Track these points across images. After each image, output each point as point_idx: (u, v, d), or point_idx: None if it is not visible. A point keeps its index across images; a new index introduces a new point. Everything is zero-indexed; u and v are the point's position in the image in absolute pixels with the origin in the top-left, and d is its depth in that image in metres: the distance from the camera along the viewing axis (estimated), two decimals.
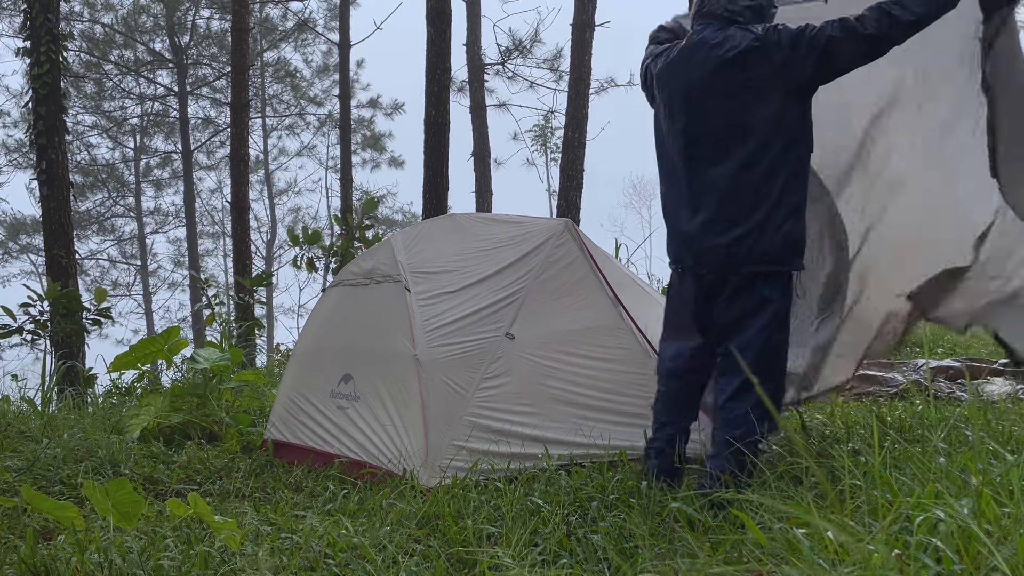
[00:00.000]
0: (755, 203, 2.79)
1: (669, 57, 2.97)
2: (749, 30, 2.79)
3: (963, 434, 3.07)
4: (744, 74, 2.77)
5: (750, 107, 2.78)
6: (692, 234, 2.92)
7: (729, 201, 2.82)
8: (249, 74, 13.52)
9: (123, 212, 23.59)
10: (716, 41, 2.82)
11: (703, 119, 2.87)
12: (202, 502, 2.49)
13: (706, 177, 2.87)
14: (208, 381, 5.29)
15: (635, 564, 2.25)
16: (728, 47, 2.78)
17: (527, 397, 3.64)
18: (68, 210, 9.08)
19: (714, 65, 2.80)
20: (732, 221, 2.81)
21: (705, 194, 2.88)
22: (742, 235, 2.79)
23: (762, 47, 2.73)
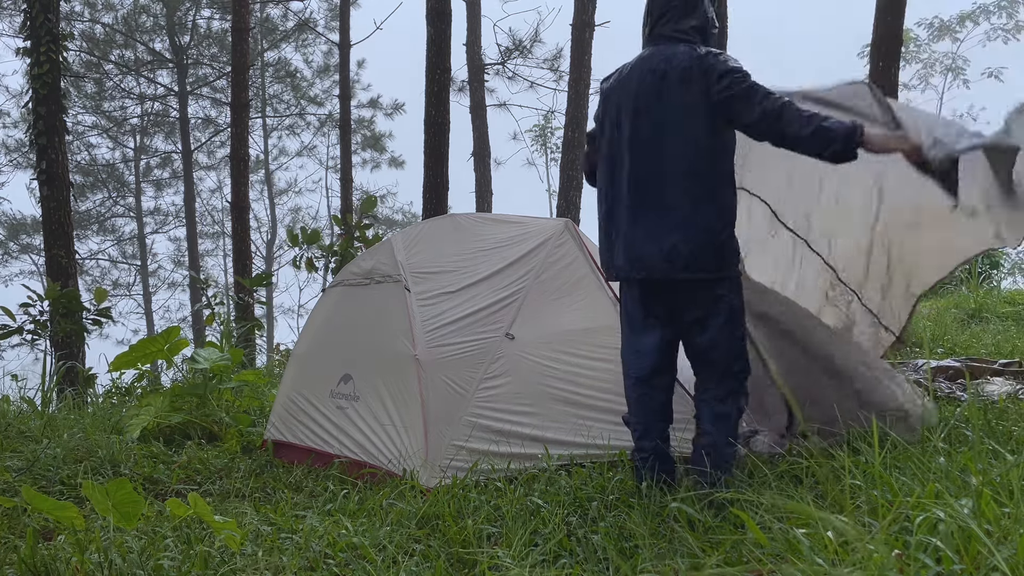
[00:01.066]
0: (692, 213, 2.91)
1: (621, 74, 3.12)
2: (694, 49, 2.95)
3: (963, 434, 3.07)
4: (685, 89, 2.91)
5: (690, 121, 2.92)
6: (632, 242, 3.00)
7: (667, 210, 2.93)
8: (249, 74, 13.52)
9: (123, 212, 23.59)
10: (663, 56, 2.98)
11: (647, 129, 2.98)
12: (202, 502, 2.49)
13: (647, 187, 2.98)
14: (208, 381, 5.29)
15: (635, 564, 2.25)
16: (674, 63, 2.94)
17: (527, 397, 3.64)
18: (68, 210, 9.08)
19: (659, 77, 2.95)
20: (670, 230, 2.92)
21: (645, 204, 2.98)
22: (677, 243, 2.90)
23: (701, 66, 2.90)
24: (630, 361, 3.14)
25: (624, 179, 3.03)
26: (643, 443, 3.06)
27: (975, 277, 10.45)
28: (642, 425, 3.08)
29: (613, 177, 3.09)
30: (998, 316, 8.36)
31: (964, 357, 5.67)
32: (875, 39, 7.78)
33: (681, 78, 2.92)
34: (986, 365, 5.26)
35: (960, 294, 10.15)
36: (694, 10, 3.05)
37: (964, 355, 5.96)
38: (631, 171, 3.01)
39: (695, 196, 2.92)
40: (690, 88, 2.91)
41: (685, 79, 2.91)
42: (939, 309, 8.84)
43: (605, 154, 3.14)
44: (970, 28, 24.49)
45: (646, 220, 2.97)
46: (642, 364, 3.09)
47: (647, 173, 2.98)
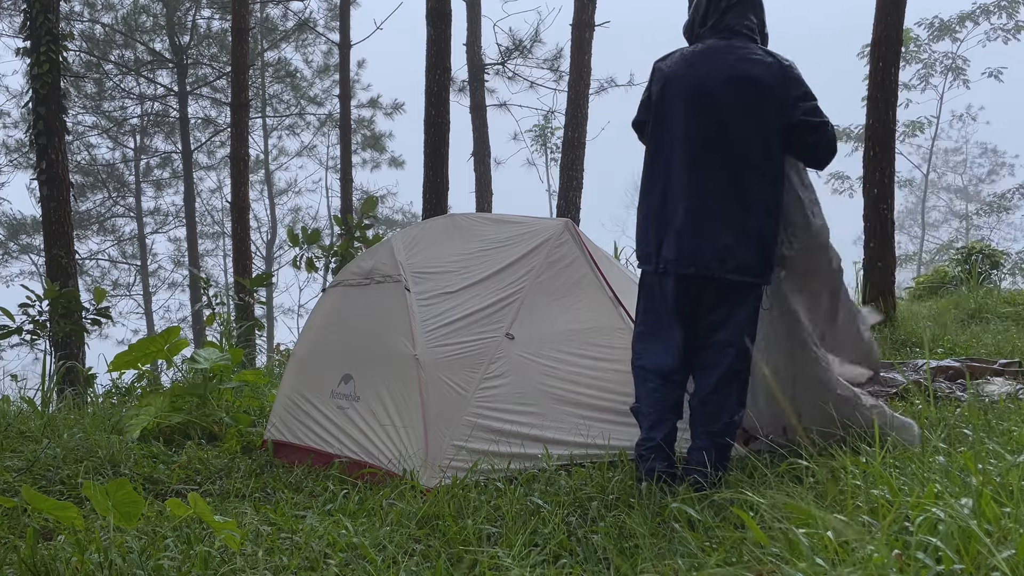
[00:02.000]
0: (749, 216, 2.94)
1: (686, 60, 3.04)
2: (771, 55, 2.98)
3: (963, 434, 3.07)
4: (762, 93, 2.92)
5: (760, 124, 2.94)
6: (685, 237, 2.98)
7: (725, 210, 2.94)
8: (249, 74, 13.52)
9: (123, 212, 23.59)
10: (739, 54, 2.95)
11: (714, 125, 2.96)
12: (202, 502, 2.49)
13: (706, 184, 2.96)
14: (208, 381, 5.29)
15: (635, 564, 2.25)
16: (753, 64, 2.93)
17: (527, 397, 3.64)
18: (68, 210, 9.08)
19: (735, 76, 2.93)
20: (725, 229, 2.93)
21: (702, 200, 2.96)
22: (731, 244, 2.93)
23: (783, 78, 2.93)
24: (651, 355, 3.12)
25: (683, 172, 2.99)
26: (652, 434, 3.05)
27: (975, 277, 10.45)
28: (654, 418, 3.07)
29: (671, 167, 3.04)
30: (998, 316, 8.36)
31: (964, 357, 5.67)
32: (875, 39, 7.78)
33: (759, 82, 2.91)
34: (986, 365, 5.26)
35: (960, 294, 10.15)
36: (760, 5, 3.06)
37: (964, 355, 5.96)
38: (691, 165, 2.98)
39: (754, 199, 2.94)
40: (767, 94, 2.92)
41: (763, 84, 2.92)
42: (939, 309, 8.84)
43: (661, 142, 3.09)
44: (970, 28, 24.51)
45: (702, 216, 2.95)
46: (665, 360, 3.08)
47: (708, 169, 2.96)
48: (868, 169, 7.78)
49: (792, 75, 2.95)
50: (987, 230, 31.16)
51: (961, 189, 34.83)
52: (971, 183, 34.62)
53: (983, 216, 31.63)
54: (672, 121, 3.04)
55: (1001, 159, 33.70)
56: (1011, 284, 12.36)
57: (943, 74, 26.05)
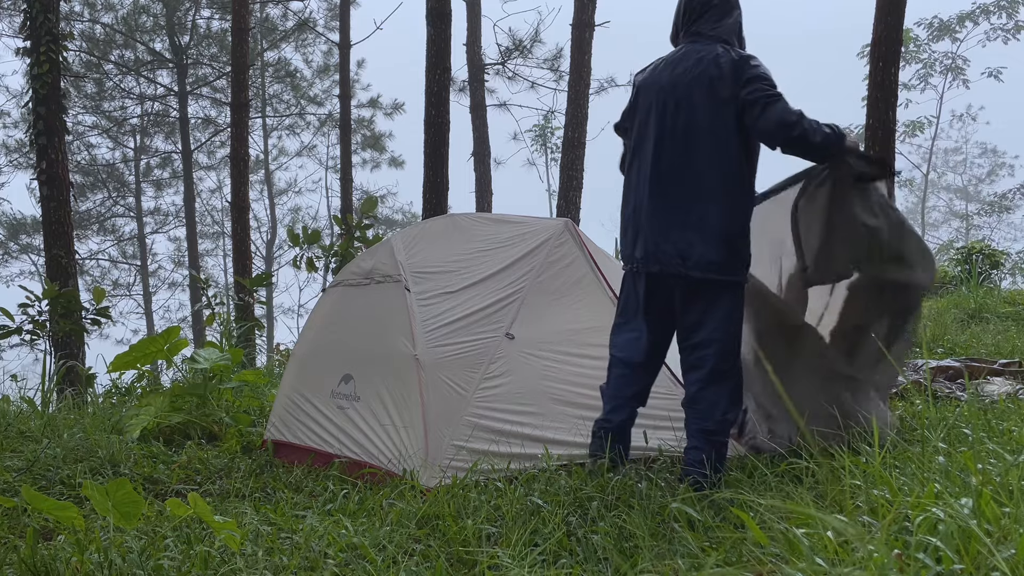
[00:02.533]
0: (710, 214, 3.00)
1: (656, 68, 3.19)
2: (731, 51, 3.04)
3: (963, 434, 3.07)
4: (718, 89, 3.00)
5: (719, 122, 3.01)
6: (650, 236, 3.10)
7: (687, 208, 3.03)
8: (249, 74, 13.52)
9: (123, 212, 23.60)
10: (700, 55, 3.06)
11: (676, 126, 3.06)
12: (202, 502, 2.49)
13: (669, 184, 3.07)
14: (208, 381, 5.29)
15: (635, 564, 2.25)
16: (710, 62, 3.02)
17: (527, 397, 3.64)
18: (68, 210, 9.08)
19: (694, 76, 3.04)
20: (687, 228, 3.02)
21: (665, 200, 3.08)
22: (693, 242, 3.01)
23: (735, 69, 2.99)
24: (621, 346, 3.24)
25: (648, 173, 3.09)
26: (612, 416, 3.21)
27: (975, 277, 10.46)
28: (615, 401, 3.22)
29: (639, 170, 3.15)
30: (998, 316, 8.36)
31: (964, 357, 5.67)
32: (875, 39, 7.78)
33: (715, 78, 2.99)
34: (986, 365, 5.26)
35: (960, 294, 10.15)
36: (731, 12, 3.14)
37: (964, 355, 5.96)
38: (656, 166, 3.09)
39: (715, 197, 3.01)
40: (722, 89, 2.99)
41: (719, 79, 2.99)
42: (939, 309, 8.84)
43: (633, 147, 3.20)
44: (970, 28, 24.51)
45: (665, 216, 3.06)
46: (632, 352, 3.20)
47: (671, 169, 3.06)
48: None
49: (745, 65, 3.00)
50: (987, 230, 31.18)
51: (961, 189, 34.85)
52: (971, 183, 34.64)
53: (983, 216, 31.64)
54: (644, 126, 3.18)
55: (1001, 159, 33.73)
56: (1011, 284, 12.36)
57: (943, 74, 26.06)
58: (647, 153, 3.13)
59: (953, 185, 35.16)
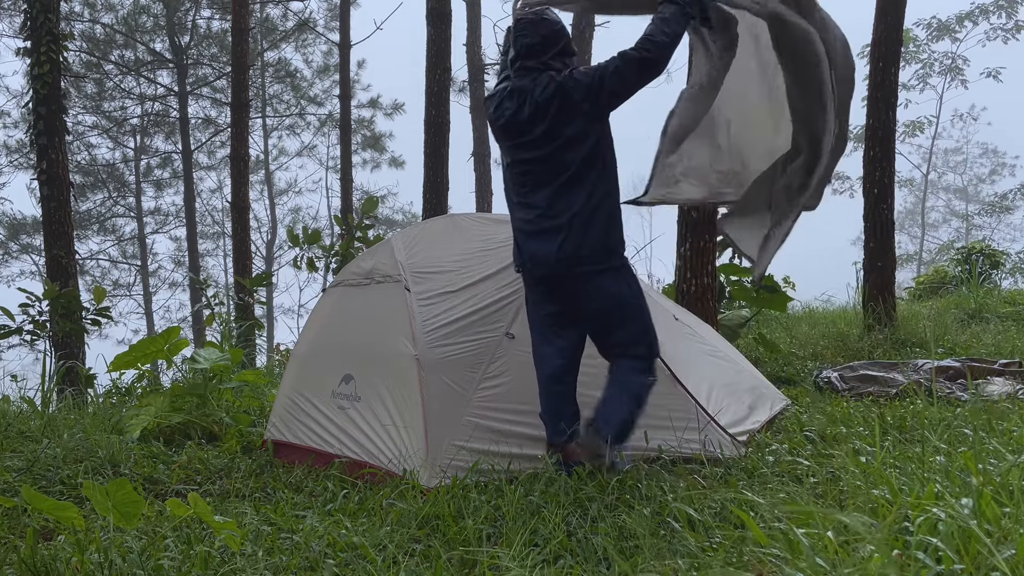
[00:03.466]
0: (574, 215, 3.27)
1: (499, 103, 3.46)
2: (553, 77, 3.29)
3: (963, 434, 3.07)
4: (554, 111, 3.27)
5: (566, 140, 3.28)
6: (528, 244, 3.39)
7: (554, 215, 3.31)
8: (249, 74, 13.52)
9: (123, 212, 23.60)
10: (531, 86, 3.32)
11: (526, 151, 3.37)
12: (202, 502, 2.49)
13: (536, 196, 3.37)
14: (208, 381, 5.29)
15: (635, 564, 2.25)
16: (538, 95, 3.29)
17: (527, 397, 3.63)
18: (68, 210, 9.09)
19: (530, 106, 3.31)
20: (557, 231, 3.29)
21: (534, 211, 3.37)
22: (564, 242, 3.28)
23: (564, 88, 3.25)
24: (540, 360, 3.48)
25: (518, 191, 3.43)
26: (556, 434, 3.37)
27: (975, 277, 10.46)
28: (555, 416, 3.40)
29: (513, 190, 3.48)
30: (998, 316, 8.36)
31: (964, 357, 5.67)
32: (875, 39, 7.79)
33: (549, 108, 3.27)
34: (986, 365, 5.26)
35: (960, 294, 10.15)
36: (555, 44, 3.37)
37: (964, 355, 5.96)
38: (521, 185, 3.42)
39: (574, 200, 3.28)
40: (560, 113, 3.26)
41: (554, 107, 3.26)
42: (939, 309, 8.84)
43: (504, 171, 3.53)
44: (969, 28, 24.51)
45: (537, 224, 3.35)
46: (552, 363, 3.43)
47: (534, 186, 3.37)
48: (868, 169, 7.79)
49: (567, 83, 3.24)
50: (987, 230, 31.17)
51: (961, 189, 34.84)
52: (971, 183, 34.63)
53: (983, 216, 31.63)
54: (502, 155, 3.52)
55: (1002, 159, 33.71)
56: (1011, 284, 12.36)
57: (942, 74, 26.06)
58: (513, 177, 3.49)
59: (953, 185, 35.15)
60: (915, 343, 6.84)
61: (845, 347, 6.95)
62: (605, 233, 3.28)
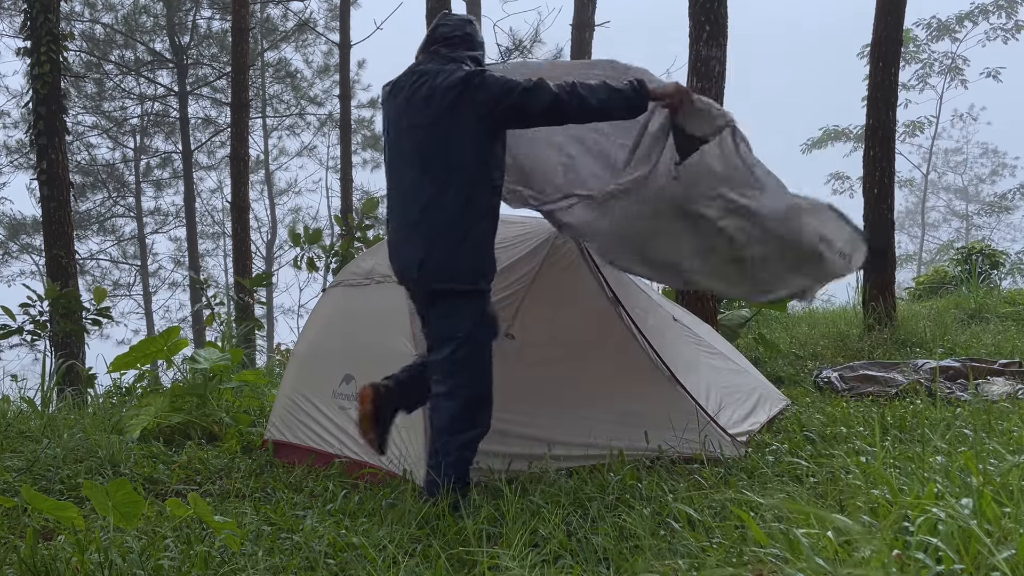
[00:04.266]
0: (445, 226, 3.02)
1: (395, 85, 3.24)
2: (461, 68, 3.07)
3: (963, 434, 3.07)
4: (450, 106, 3.01)
5: (451, 137, 3.02)
6: (396, 250, 3.20)
7: (424, 221, 3.05)
8: (249, 74, 13.52)
9: (123, 212, 23.59)
10: (433, 73, 3.09)
11: (411, 143, 3.11)
12: (202, 502, 2.49)
13: (410, 197, 3.12)
14: (208, 381, 5.29)
15: (635, 564, 2.25)
16: (443, 81, 3.04)
17: (527, 397, 3.64)
18: (68, 210, 9.09)
19: (427, 95, 3.06)
20: (424, 241, 3.04)
21: (407, 212, 3.12)
22: (431, 254, 3.03)
23: (470, 84, 3.00)
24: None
25: (394, 189, 3.21)
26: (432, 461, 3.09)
27: (975, 277, 10.45)
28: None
29: (389, 187, 3.26)
30: (998, 316, 8.36)
31: (964, 357, 5.67)
32: (875, 39, 7.79)
33: (446, 96, 3.01)
34: (986, 365, 5.26)
35: (960, 294, 10.15)
36: (471, 46, 3.22)
37: (964, 355, 5.96)
38: (398, 183, 3.18)
39: (450, 209, 3.01)
40: (455, 106, 3.00)
41: (451, 97, 3.01)
42: (939, 309, 8.84)
43: (386, 163, 3.28)
44: (969, 28, 24.51)
45: (407, 230, 3.12)
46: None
47: (410, 185, 3.11)
48: (868, 169, 7.79)
49: (475, 81, 3.01)
50: (987, 230, 31.17)
51: (961, 189, 34.83)
52: (971, 183, 34.62)
53: (983, 216, 31.63)
54: (386, 144, 3.27)
55: (1002, 159, 33.70)
56: (1011, 284, 12.36)
57: (942, 74, 26.06)
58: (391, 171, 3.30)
59: (953, 185, 35.15)
60: (915, 343, 6.84)
61: (845, 347, 6.95)
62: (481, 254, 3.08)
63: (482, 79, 3.01)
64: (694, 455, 3.47)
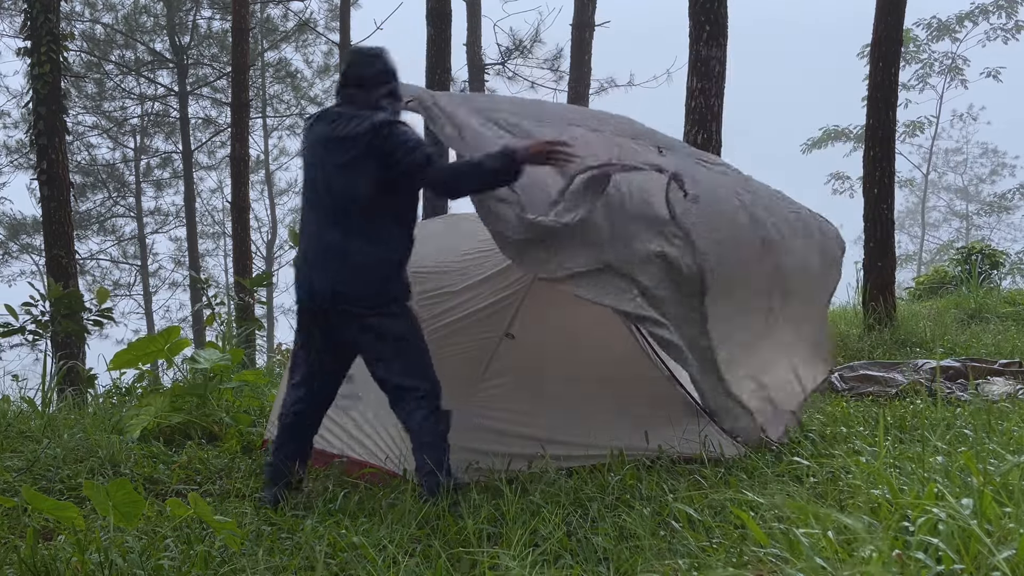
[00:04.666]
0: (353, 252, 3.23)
1: (315, 120, 3.44)
2: (373, 117, 3.23)
3: (963, 434, 3.07)
4: (358, 149, 3.21)
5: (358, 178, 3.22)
6: (308, 275, 3.32)
7: (334, 248, 3.25)
8: (249, 74, 13.52)
9: (123, 212, 23.57)
10: (349, 116, 3.29)
11: (324, 177, 3.31)
12: (202, 502, 2.49)
13: (322, 226, 3.31)
14: (208, 381, 5.29)
15: (635, 564, 2.25)
16: (355, 124, 3.24)
17: (527, 397, 3.64)
18: (68, 210, 9.08)
19: (339, 134, 3.26)
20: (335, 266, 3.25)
21: (319, 241, 3.30)
22: (341, 278, 3.24)
23: (379, 133, 3.19)
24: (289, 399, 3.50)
25: (308, 221, 3.38)
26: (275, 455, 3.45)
27: (975, 277, 10.45)
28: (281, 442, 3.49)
29: (304, 217, 3.42)
30: (998, 316, 8.36)
31: (964, 357, 5.67)
32: (875, 39, 7.79)
33: (358, 142, 3.21)
34: (986, 365, 5.26)
35: (960, 294, 10.15)
36: (384, 78, 3.36)
37: (964, 355, 5.96)
38: (313, 215, 3.36)
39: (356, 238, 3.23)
40: (365, 152, 3.19)
41: (362, 144, 3.20)
42: (939, 309, 8.84)
43: (303, 194, 3.48)
44: (969, 28, 24.49)
45: (319, 256, 3.30)
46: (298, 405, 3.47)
47: (323, 218, 3.30)
48: (868, 169, 7.79)
49: (383, 132, 3.18)
50: (987, 230, 31.16)
51: (961, 189, 34.81)
52: (971, 183, 34.60)
53: (983, 216, 31.61)
54: (306, 178, 3.42)
55: (1002, 159, 33.68)
56: (1011, 284, 12.36)
57: (942, 74, 26.04)
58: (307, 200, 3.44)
59: (954, 185, 35.12)
60: (915, 343, 6.84)
61: (845, 347, 6.95)
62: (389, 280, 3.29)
63: (390, 131, 3.19)
64: (694, 455, 3.47)
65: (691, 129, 6.33)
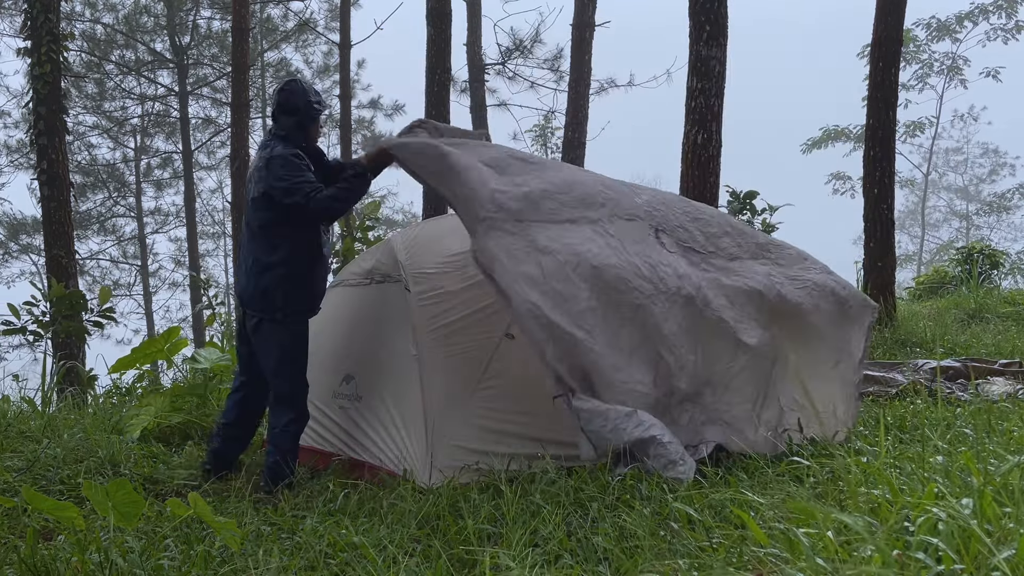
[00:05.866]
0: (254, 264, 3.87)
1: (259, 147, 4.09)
2: (271, 150, 3.83)
3: (963, 434, 3.07)
4: (260, 176, 3.82)
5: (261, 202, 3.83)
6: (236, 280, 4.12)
7: (245, 259, 3.94)
8: (250, 74, 13.52)
9: (123, 212, 23.58)
10: (261, 148, 3.97)
11: (247, 198, 3.98)
12: (202, 502, 2.49)
13: (244, 238, 4.00)
14: (208, 381, 5.29)
15: (635, 564, 2.25)
16: (259, 159, 3.88)
17: (527, 397, 3.64)
18: (68, 210, 9.09)
19: (256, 166, 3.91)
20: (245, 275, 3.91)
21: (241, 250, 4.04)
22: (247, 286, 3.89)
23: (268, 171, 3.77)
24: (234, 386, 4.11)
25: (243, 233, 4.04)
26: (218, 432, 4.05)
27: (975, 277, 10.45)
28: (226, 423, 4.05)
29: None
30: (998, 316, 8.36)
31: (964, 357, 5.67)
32: (875, 39, 7.79)
33: (259, 172, 3.83)
34: (986, 365, 5.26)
35: (960, 294, 10.15)
36: (290, 110, 3.94)
37: (964, 355, 5.96)
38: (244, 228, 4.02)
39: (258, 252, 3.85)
40: (262, 180, 3.78)
41: (260, 175, 3.82)
42: (939, 309, 8.84)
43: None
44: (969, 28, 24.50)
45: (239, 265, 4.08)
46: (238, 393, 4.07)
47: (246, 233, 3.98)
48: (868, 169, 7.79)
49: (270, 165, 3.77)
50: (987, 230, 31.16)
51: (961, 189, 34.82)
52: (971, 183, 34.61)
53: (983, 216, 31.61)
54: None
55: (1002, 159, 33.69)
56: (1011, 284, 12.35)
57: (941, 74, 26.05)
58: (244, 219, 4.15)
59: (954, 185, 35.13)
60: (915, 343, 6.84)
61: None
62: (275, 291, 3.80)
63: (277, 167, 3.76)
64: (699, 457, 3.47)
65: (691, 129, 6.33)
